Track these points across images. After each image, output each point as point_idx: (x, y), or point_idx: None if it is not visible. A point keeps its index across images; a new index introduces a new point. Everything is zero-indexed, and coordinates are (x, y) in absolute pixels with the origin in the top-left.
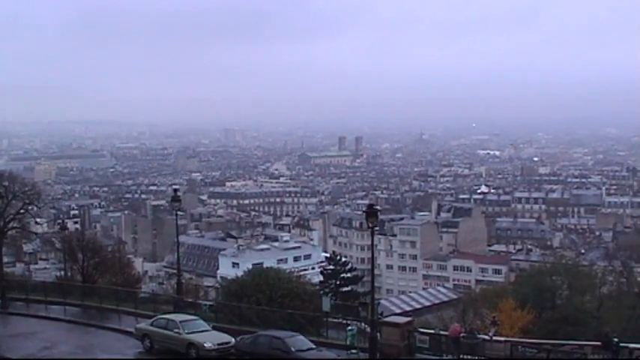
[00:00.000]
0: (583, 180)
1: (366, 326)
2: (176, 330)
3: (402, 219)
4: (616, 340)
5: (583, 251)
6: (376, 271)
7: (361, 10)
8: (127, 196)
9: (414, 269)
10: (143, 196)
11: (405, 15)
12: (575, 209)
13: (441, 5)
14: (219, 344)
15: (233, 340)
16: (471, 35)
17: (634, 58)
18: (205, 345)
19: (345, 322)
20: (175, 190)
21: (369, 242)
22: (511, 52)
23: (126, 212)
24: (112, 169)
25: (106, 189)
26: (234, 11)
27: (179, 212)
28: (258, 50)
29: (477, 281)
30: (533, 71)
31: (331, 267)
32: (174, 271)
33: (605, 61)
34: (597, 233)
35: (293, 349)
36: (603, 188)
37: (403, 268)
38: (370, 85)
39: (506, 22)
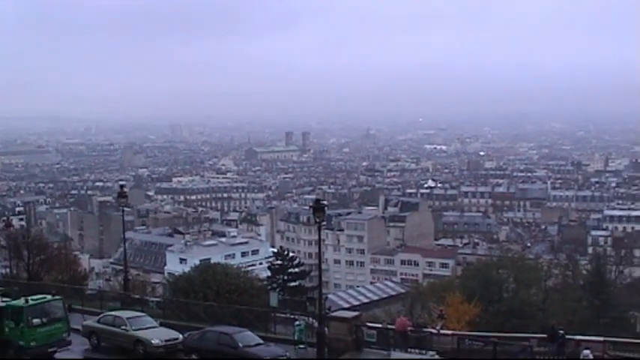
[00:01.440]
0: (529, 174)
1: (314, 321)
2: (123, 327)
3: (349, 214)
4: (562, 332)
5: (529, 245)
6: (324, 266)
7: (316, 5)
8: (73, 192)
9: (362, 264)
10: (89, 192)
11: (359, 10)
12: (521, 203)
13: (395, 0)
14: (166, 341)
15: (181, 336)
16: (422, 31)
17: (579, 55)
18: (153, 341)
19: (292, 317)
20: (122, 186)
21: (317, 237)
22: (460, 48)
23: (72, 209)
24: (57, 165)
25: (51, 185)
26: (187, 6)
27: (126, 208)
28: (210, 45)
29: (424, 275)
30: (481, 67)
31: (279, 262)
32: (122, 267)
33: (551, 58)
34: (543, 227)
35: (241, 345)
36: (548, 182)
37: (351, 263)
38: (321, 80)
39: (458, 18)
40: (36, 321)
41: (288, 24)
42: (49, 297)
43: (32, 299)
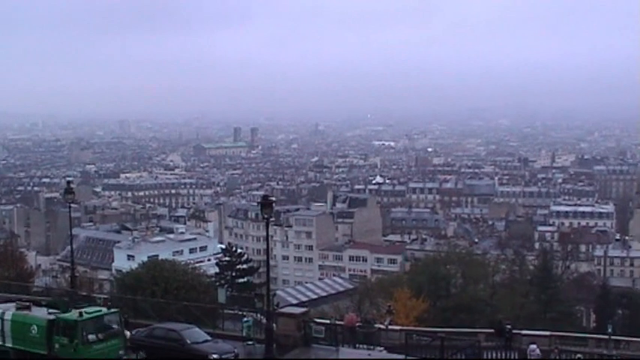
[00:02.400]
0: (476, 170)
1: (262, 317)
2: None
3: (297, 210)
4: (509, 327)
5: (476, 240)
6: (272, 262)
7: (268, 1)
8: (20, 188)
9: (310, 260)
10: (36, 188)
11: (309, 5)
12: (469, 199)
13: None
14: None
15: (129, 333)
16: (371, 27)
17: (527, 52)
18: None
19: (241, 313)
20: (69, 182)
21: (265, 233)
22: (409, 44)
23: (18, 205)
24: (3, 162)
25: None
26: (137, 1)
27: (73, 205)
28: (161, 40)
29: (373, 271)
30: (429, 63)
31: (227, 258)
32: (69, 264)
33: (498, 55)
34: (490, 222)
35: (188, 342)
36: (496, 178)
37: (299, 259)
38: (270, 75)
39: (407, 15)
40: (91, 337)
41: (239, 19)
42: (104, 309)
43: (86, 312)
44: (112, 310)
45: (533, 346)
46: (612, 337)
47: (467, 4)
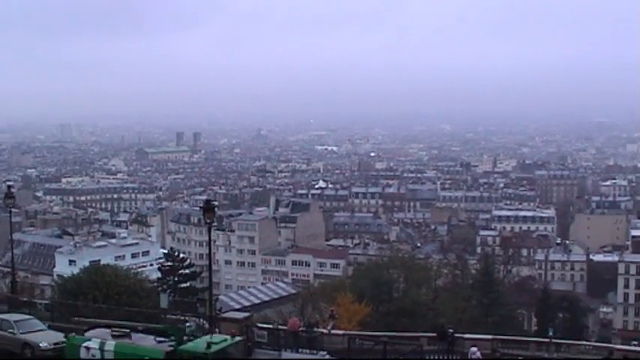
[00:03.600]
0: (419, 175)
1: (205, 322)
2: (10, 330)
3: (240, 214)
4: (451, 330)
5: (419, 245)
6: (215, 267)
7: (216, 5)
8: None
9: (253, 264)
10: None
11: (257, 11)
12: (411, 204)
13: (295, 2)
14: (55, 344)
15: None
16: (318, 32)
17: (472, 58)
18: (41, 345)
19: (183, 318)
20: (9, 187)
21: (208, 238)
22: (354, 50)
23: None
24: None
25: None
26: (87, 4)
27: (13, 209)
28: (104, 44)
29: (316, 275)
30: (372, 69)
31: (169, 263)
32: (9, 269)
33: (440, 60)
34: (432, 227)
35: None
36: (438, 183)
37: (242, 264)
38: (215, 80)
39: (355, 21)
40: None
41: (186, 24)
42: (228, 338)
43: (214, 342)
44: (238, 338)
45: (474, 349)
46: (553, 341)
47: (415, 12)
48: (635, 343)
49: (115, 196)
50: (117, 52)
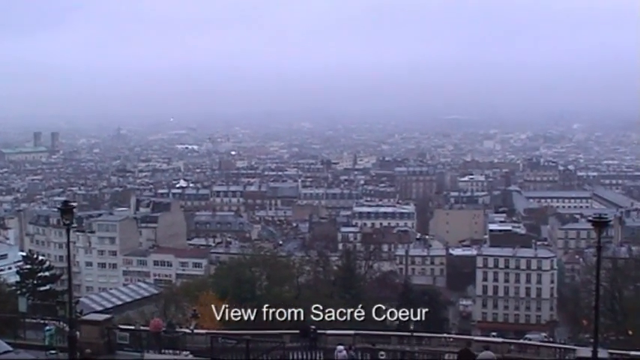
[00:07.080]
0: (279, 173)
1: (65, 325)
2: None
3: (100, 215)
4: (313, 327)
5: (281, 242)
6: (75, 269)
7: (83, 3)
8: None
9: (114, 265)
10: None
11: (128, 11)
12: (273, 201)
13: (167, 3)
14: None
15: None
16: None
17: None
18: None
19: (43, 322)
20: None
21: (67, 240)
22: (224, 51)
23: None
24: None
25: None
26: None
27: None
28: None
29: (178, 275)
30: (231, 67)
31: (28, 266)
32: None
33: (295, 60)
34: (294, 224)
35: None
36: (299, 181)
37: (103, 265)
38: (74, 80)
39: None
40: None
41: (52, 23)
42: None
43: None
44: None
45: (340, 347)
46: (414, 334)
47: (290, 14)
48: (494, 334)
49: None
50: None
